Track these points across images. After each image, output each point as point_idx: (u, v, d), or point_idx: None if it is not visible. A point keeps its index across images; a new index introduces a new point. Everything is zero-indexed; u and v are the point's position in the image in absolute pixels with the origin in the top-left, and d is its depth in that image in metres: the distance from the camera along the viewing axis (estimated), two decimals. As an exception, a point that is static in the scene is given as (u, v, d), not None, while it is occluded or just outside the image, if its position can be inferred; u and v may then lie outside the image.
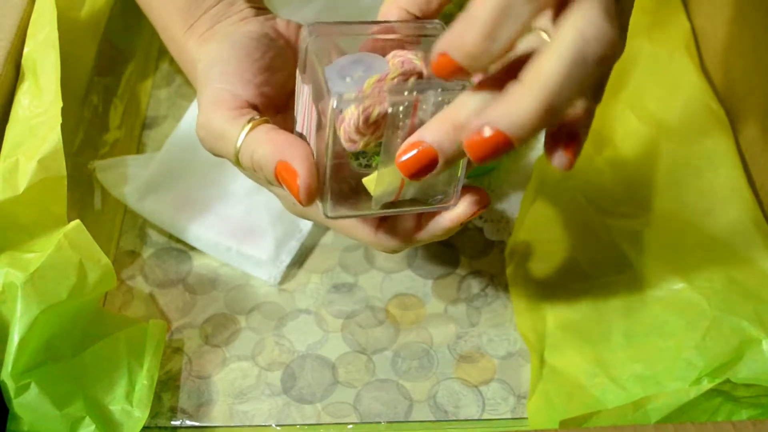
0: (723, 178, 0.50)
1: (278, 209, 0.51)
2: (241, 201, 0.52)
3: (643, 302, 0.46)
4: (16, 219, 0.41)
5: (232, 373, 0.46)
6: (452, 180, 0.35)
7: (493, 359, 0.46)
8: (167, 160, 0.53)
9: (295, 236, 0.51)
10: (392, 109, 0.32)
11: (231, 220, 0.51)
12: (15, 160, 0.42)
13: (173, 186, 0.52)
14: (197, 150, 0.53)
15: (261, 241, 0.50)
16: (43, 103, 0.44)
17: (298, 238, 0.51)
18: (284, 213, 0.51)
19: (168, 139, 0.54)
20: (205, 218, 0.51)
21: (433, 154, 0.32)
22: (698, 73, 0.55)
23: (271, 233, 0.50)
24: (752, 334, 0.42)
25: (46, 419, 0.39)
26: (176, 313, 0.48)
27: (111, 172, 0.52)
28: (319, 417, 0.44)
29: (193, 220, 0.51)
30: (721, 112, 0.53)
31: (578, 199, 0.50)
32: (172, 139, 0.54)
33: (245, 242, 0.50)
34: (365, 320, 0.48)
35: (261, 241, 0.50)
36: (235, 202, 0.52)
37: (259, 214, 0.51)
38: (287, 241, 0.50)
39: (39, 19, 0.46)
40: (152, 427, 0.43)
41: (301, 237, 0.51)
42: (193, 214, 0.51)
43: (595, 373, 0.43)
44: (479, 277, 0.49)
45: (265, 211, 0.51)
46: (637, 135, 0.53)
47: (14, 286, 0.39)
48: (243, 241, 0.50)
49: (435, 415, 0.44)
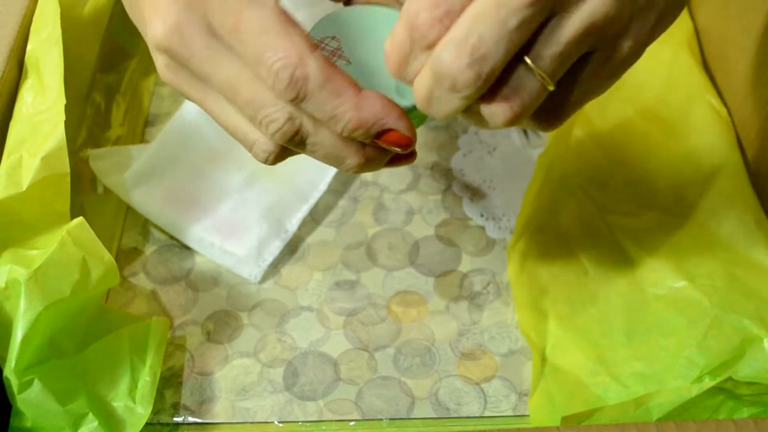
0: (724, 176, 0.50)
1: (266, 207, 0.51)
2: (230, 197, 0.52)
3: (645, 300, 0.46)
4: (19, 216, 0.41)
5: (234, 370, 0.46)
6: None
7: (494, 357, 0.46)
8: (160, 152, 0.53)
9: (280, 236, 0.51)
10: None
11: (218, 215, 0.51)
12: (18, 157, 0.42)
13: (164, 178, 0.52)
14: (191, 143, 0.54)
15: (245, 238, 0.50)
16: (47, 100, 0.44)
17: (282, 238, 0.51)
18: (271, 211, 0.51)
19: (162, 130, 0.54)
20: (192, 212, 0.51)
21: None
22: (700, 71, 0.55)
23: (256, 231, 0.50)
24: (753, 332, 0.42)
25: (49, 415, 0.39)
26: (178, 310, 0.48)
27: (105, 162, 0.52)
28: (321, 414, 0.44)
29: (179, 214, 0.51)
30: (723, 110, 0.53)
31: (580, 196, 0.50)
32: (167, 131, 0.54)
33: (229, 239, 0.50)
34: (367, 317, 0.48)
35: (245, 238, 0.50)
36: (224, 197, 0.52)
37: (246, 211, 0.51)
38: (271, 241, 0.50)
39: (42, 16, 0.47)
40: (154, 423, 0.44)
41: (286, 237, 0.51)
42: (181, 207, 0.51)
43: (596, 371, 0.44)
44: (481, 275, 0.49)
45: (252, 208, 0.51)
46: (638, 133, 0.53)
47: (17, 283, 0.39)
48: (227, 238, 0.50)
49: (437, 413, 0.44)
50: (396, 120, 0.32)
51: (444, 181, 0.54)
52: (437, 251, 0.51)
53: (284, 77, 0.31)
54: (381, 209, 0.53)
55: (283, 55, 0.30)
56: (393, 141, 0.33)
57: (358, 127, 0.32)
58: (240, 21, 0.31)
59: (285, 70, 0.30)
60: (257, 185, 0.52)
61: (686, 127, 0.53)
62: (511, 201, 0.52)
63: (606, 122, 0.53)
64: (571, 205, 0.50)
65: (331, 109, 0.31)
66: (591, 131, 0.53)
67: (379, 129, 0.32)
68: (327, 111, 0.31)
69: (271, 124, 0.33)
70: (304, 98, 0.31)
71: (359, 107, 0.32)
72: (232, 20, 0.31)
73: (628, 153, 0.52)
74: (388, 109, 0.32)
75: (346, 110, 0.31)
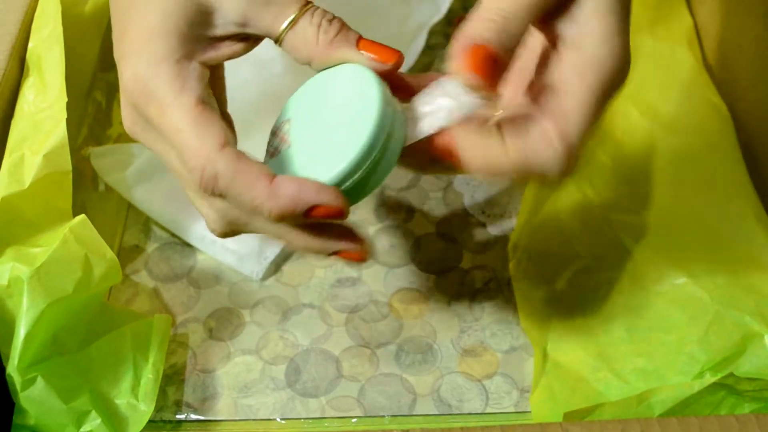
0: (725, 173, 0.50)
1: None
2: None
3: (646, 297, 0.46)
4: (21, 213, 0.41)
5: (236, 367, 0.46)
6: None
7: (496, 353, 0.46)
8: None
9: None
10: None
11: None
12: (20, 154, 0.42)
13: (165, 176, 0.52)
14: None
15: (246, 235, 0.50)
16: (48, 98, 0.44)
17: None
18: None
19: None
20: (193, 210, 0.51)
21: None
22: (700, 68, 0.55)
23: None
24: (754, 328, 0.42)
25: (52, 413, 0.40)
26: (180, 307, 0.48)
27: (106, 159, 0.52)
28: (323, 411, 0.44)
29: (182, 211, 0.51)
30: (723, 107, 0.53)
31: (580, 193, 0.50)
32: None
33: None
34: (369, 314, 0.48)
35: (246, 235, 0.50)
36: None
37: None
38: None
39: (43, 14, 0.47)
40: (157, 420, 0.44)
41: None
42: (182, 205, 0.51)
43: (597, 367, 0.44)
44: (482, 272, 0.49)
45: None
46: (638, 130, 0.53)
47: (20, 281, 0.39)
48: None
49: (439, 409, 0.44)
50: (316, 195, 0.32)
51: (445, 178, 0.54)
52: (438, 248, 0.51)
53: (196, 176, 0.32)
54: (382, 206, 0.53)
55: (194, 154, 0.32)
56: (323, 215, 0.33)
57: (281, 214, 0.32)
58: (162, 116, 0.33)
59: (196, 170, 0.32)
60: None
61: (686, 124, 0.53)
62: (512, 198, 0.52)
63: (606, 120, 0.53)
64: (572, 202, 0.50)
65: (249, 201, 0.32)
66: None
67: (302, 209, 0.32)
68: (246, 204, 0.33)
69: (207, 219, 0.35)
70: (221, 194, 0.33)
71: (275, 195, 0.32)
72: (156, 114, 0.33)
73: (629, 150, 0.52)
74: (305, 189, 0.32)
75: (263, 201, 0.32)
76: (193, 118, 0.32)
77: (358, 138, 0.33)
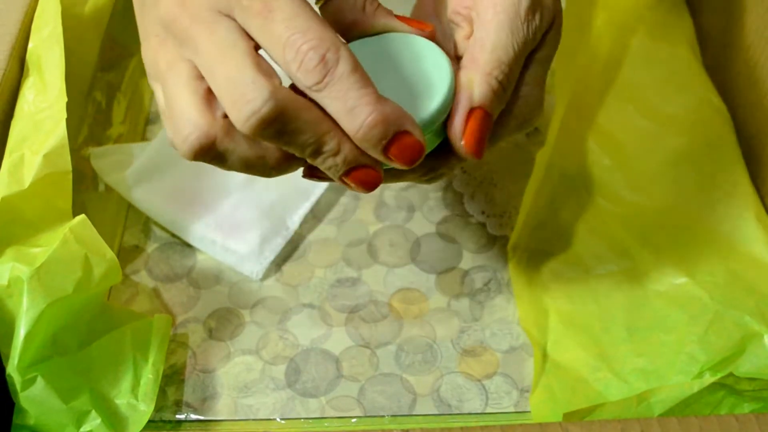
0: (725, 173, 0.50)
1: (267, 204, 0.51)
2: (231, 194, 0.52)
3: (645, 296, 0.46)
4: (21, 213, 0.41)
5: (236, 367, 0.46)
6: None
7: (496, 353, 0.46)
8: (161, 150, 0.53)
9: (281, 233, 0.51)
10: None
11: (219, 213, 0.51)
12: (20, 154, 0.42)
13: (165, 176, 0.52)
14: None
15: (246, 235, 0.50)
16: (48, 98, 0.44)
17: (284, 236, 0.51)
18: (273, 209, 0.51)
19: (163, 128, 0.54)
20: (193, 210, 0.51)
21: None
22: (700, 68, 0.55)
23: (258, 228, 0.50)
24: (754, 328, 0.42)
25: (52, 413, 0.40)
26: (180, 307, 0.48)
27: (106, 159, 0.52)
28: (323, 411, 0.44)
29: (182, 211, 0.51)
30: (723, 107, 0.53)
31: (580, 193, 0.50)
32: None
33: (230, 236, 0.50)
34: (369, 314, 0.48)
35: (246, 235, 0.50)
36: (225, 195, 0.52)
37: (247, 208, 0.51)
38: (272, 238, 0.50)
39: (43, 14, 0.47)
40: (157, 420, 0.44)
41: (288, 234, 0.51)
42: (183, 204, 0.51)
43: (597, 367, 0.44)
44: (482, 272, 0.49)
45: (253, 206, 0.51)
46: (638, 130, 0.53)
47: (20, 281, 0.39)
48: (228, 235, 0.50)
49: (438, 409, 0.44)
50: (413, 125, 0.32)
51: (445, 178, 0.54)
52: (438, 248, 0.51)
53: (314, 57, 0.30)
54: (382, 206, 0.53)
55: (316, 37, 0.30)
56: (406, 146, 0.32)
57: (378, 123, 0.31)
58: (271, 3, 0.31)
59: (315, 51, 0.30)
60: (258, 183, 0.52)
61: (686, 125, 0.53)
62: (512, 198, 0.52)
63: (606, 120, 0.53)
64: (572, 202, 0.50)
65: (354, 98, 0.30)
66: (591, 129, 0.53)
67: (397, 129, 0.31)
68: (350, 100, 0.30)
69: (247, 105, 0.30)
70: (328, 83, 0.30)
71: (381, 103, 0.31)
72: (260, 3, 0.31)
73: (628, 150, 0.52)
74: (407, 115, 0.32)
75: (370, 101, 0.30)
76: (310, 8, 0.31)
77: (437, 90, 0.33)
